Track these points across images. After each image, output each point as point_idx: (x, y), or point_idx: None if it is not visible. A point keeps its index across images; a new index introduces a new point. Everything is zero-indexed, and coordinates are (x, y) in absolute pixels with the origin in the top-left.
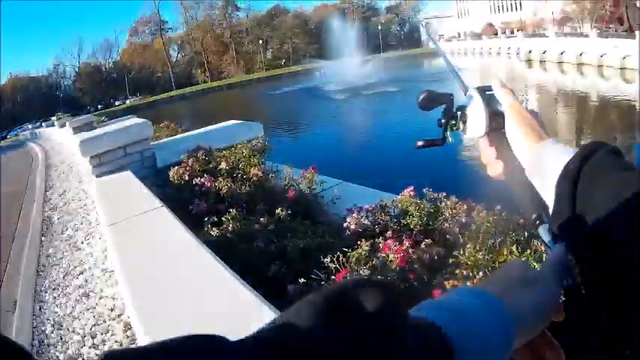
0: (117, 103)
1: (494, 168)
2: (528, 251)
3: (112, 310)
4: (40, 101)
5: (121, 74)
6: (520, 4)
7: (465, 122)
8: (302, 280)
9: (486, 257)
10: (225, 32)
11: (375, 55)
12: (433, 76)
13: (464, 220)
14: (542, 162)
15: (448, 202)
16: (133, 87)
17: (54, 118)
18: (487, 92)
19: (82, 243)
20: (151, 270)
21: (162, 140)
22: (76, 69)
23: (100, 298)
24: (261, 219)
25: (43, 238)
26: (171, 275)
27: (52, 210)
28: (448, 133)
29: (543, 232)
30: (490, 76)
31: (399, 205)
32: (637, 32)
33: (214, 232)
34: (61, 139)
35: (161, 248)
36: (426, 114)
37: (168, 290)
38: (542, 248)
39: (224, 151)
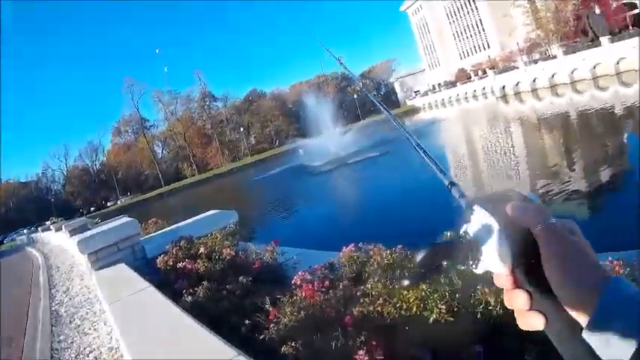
0: (109, 204)
1: (530, 321)
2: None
3: None
4: (33, 206)
5: (109, 175)
6: (487, 42)
7: (475, 258)
8: (247, 321)
9: (388, 287)
10: (206, 124)
11: (355, 124)
12: (413, 134)
13: (391, 262)
14: (605, 318)
15: (375, 250)
16: (123, 187)
17: (48, 222)
18: (498, 206)
19: (90, 329)
20: (146, 336)
21: (151, 234)
22: (65, 172)
23: None
24: (228, 286)
25: (53, 329)
26: (162, 337)
27: (58, 305)
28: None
29: None
30: (474, 121)
31: (341, 260)
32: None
33: (189, 299)
34: (58, 242)
35: (152, 318)
36: (412, 166)
37: (157, 346)
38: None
39: (203, 238)
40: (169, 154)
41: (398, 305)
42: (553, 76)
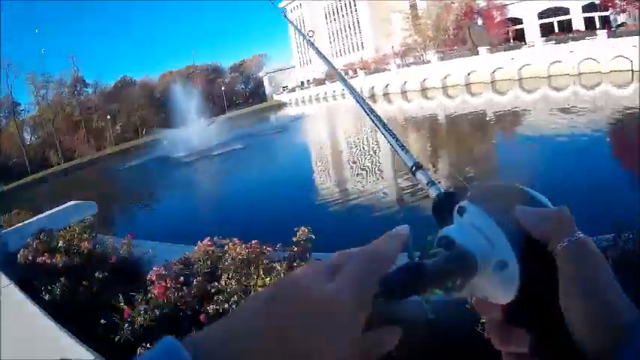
0: None
1: None
2: (273, 274)
3: None
4: None
5: None
6: (362, 44)
7: (464, 278)
8: (103, 320)
9: (243, 283)
10: (75, 110)
11: (220, 116)
12: (276, 129)
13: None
14: None
15: (231, 245)
16: None
17: None
18: (500, 206)
19: None
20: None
21: (14, 227)
22: None
23: None
24: (84, 282)
25: None
26: (18, 338)
27: None
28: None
29: None
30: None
31: (196, 255)
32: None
33: (47, 297)
34: None
35: (9, 318)
36: (273, 161)
37: (12, 347)
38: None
39: (62, 231)
40: (37, 140)
41: None
42: (425, 80)
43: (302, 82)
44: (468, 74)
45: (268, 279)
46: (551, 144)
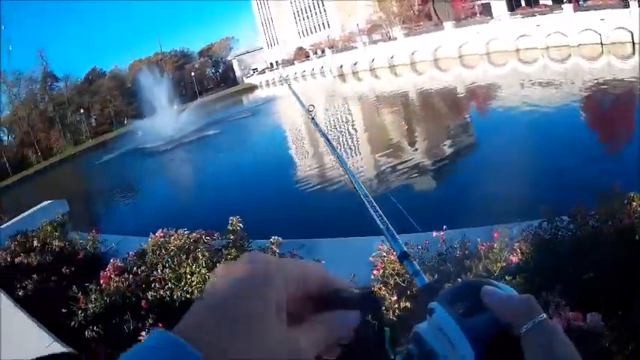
0: None
1: None
2: (198, 262)
3: None
4: None
5: None
6: (327, 22)
7: None
8: (64, 310)
9: (177, 271)
10: (48, 106)
11: (192, 102)
12: (249, 111)
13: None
14: None
15: (176, 235)
16: None
17: None
18: (462, 312)
19: None
20: None
21: None
22: None
23: None
24: (53, 277)
25: None
26: None
27: None
28: None
29: None
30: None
31: (148, 246)
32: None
33: (21, 293)
34: None
35: None
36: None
37: None
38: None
39: (36, 231)
40: (15, 140)
41: (185, 289)
42: (392, 57)
43: (271, 64)
44: (435, 50)
45: (195, 266)
46: (525, 117)
